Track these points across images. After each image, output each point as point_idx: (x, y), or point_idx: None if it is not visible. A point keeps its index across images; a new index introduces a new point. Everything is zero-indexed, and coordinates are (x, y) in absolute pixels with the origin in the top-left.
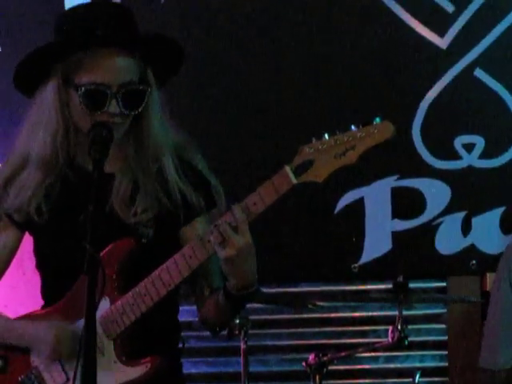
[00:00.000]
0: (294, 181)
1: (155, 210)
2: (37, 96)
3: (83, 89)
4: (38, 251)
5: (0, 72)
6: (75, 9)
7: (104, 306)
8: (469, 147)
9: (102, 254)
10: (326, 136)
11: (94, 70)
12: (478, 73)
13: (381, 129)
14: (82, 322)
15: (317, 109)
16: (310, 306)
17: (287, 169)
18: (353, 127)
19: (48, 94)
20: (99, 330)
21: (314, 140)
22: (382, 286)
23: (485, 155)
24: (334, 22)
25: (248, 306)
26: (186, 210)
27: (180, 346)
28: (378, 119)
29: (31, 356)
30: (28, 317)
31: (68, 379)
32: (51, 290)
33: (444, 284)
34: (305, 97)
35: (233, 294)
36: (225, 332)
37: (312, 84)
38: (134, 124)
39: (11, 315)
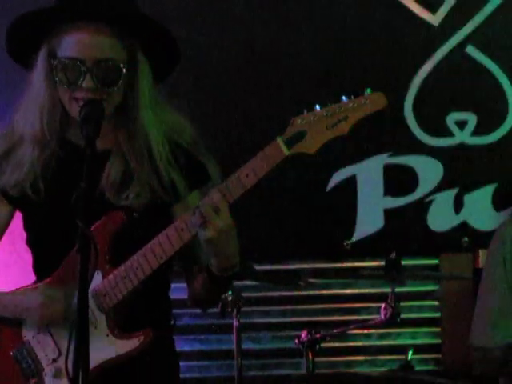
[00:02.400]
0: (286, 152)
1: (147, 196)
2: (31, 69)
3: (60, 63)
4: (30, 227)
5: None
6: None
7: (96, 279)
8: (461, 124)
9: (93, 227)
10: (318, 107)
11: (73, 45)
12: (470, 50)
13: (373, 99)
14: (73, 293)
15: (309, 84)
16: (302, 284)
17: (279, 140)
18: (344, 98)
19: (37, 67)
20: (91, 303)
21: (305, 111)
22: (375, 264)
23: (477, 132)
24: (325, 1)
25: (240, 283)
26: (175, 193)
27: (172, 322)
28: (368, 90)
29: (23, 330)
30: (17, 290)
31: (60, 353)
32: (43, 266)
33: (436, 261)
34: (297, 71)
35: (216, 274)
36: (217, 309)
37: (304, 59)
38: (125, 104)
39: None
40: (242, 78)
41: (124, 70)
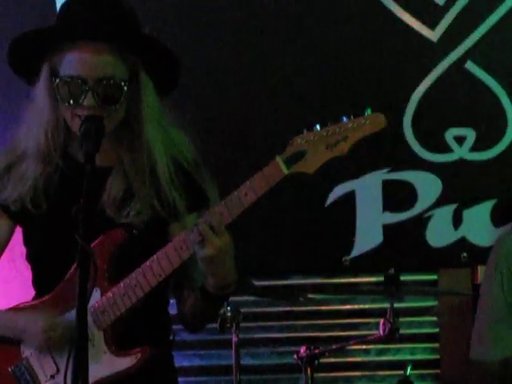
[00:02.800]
0: (285, 171)
1: (148, 214)
2: (33, 86)
3: (61, 81)
4: (30, 242)
5: None
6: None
7: (95, 296)
8: (460, 140)
9: (93, 244)
10: (318, 127)
11: (74, 63)
12: (469, 65)
13: (372, 120)
14: (72, 313)
15: (308, 102)
16: (301, 299)
17: (278, 159)
18: (344, 118)
19: (40, 84)
20: (89, 320)
21: (305, 131)
22: (373, 279)
23: (476, 148)
24: (325, 15)
25: (239, 298)
26: (174, 212)
27: (171, 338)
28: (369, 110)
29: (21, 347)
30: (17, 308)
31: (58, 370)
32: (43, 281)
33: (435, 277)
34: (296, 89)
35: (211, 293)
36: (216, 325)
37: (303, 77)
38: (128, 122)
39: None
40: (239, 96)
41: (125, 88)
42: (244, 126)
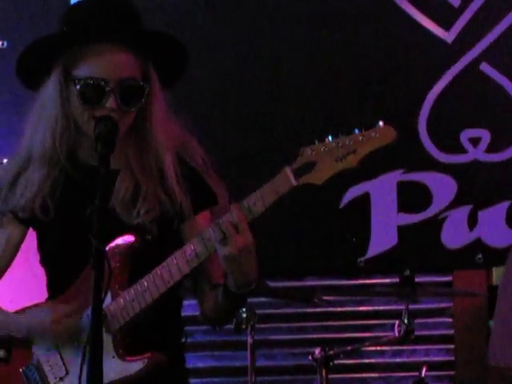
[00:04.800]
0: (294, 182)
1: (157, 212)
2: (41, 90)
3: (81, 83)
4: (43, 247)
5: (6, 67)
6: (80, 3)
7: (106, 300)
8: (475, 141)
9: (107, 248)
10: (330, 138)
11: (93, 65)
12: (484, 67)
13: (382, 133)
14: (82, 315)
15: (321, 105)
16: (316, 300)
17: (287, 170)
18: (356, 130)
19: (49, 88)
20: None
21: (316, 142)
22: (388, 280)
23: (491, 149)
24: (339, 16)
25: (254, 300)
26: (184, 210)
27: (183, 340)
28: (381, 123)
29: (33, 348)
30: (28, 308)
31: (67, 372)
32: (57, 285)
33: (450, 278)
34: (310, 93)
35: (232, 291)
36: (232, 326)
37: (317, 80)
38: (136, 122)
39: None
40: (253, 108)
41: (146, 89)
42: (256, 136)
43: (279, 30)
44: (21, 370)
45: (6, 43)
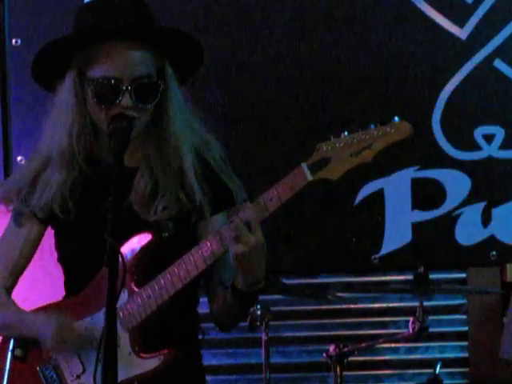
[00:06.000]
0: (310, 177)
1: (175, 209)
2: (57, 92)
3: (95, 82)
4: (60, 246)
5: (20, 64)
6: (93, 2)
7: (122, 298)
8: (489, 138)
9: (123, 246)
10: (346, 133)
11: (107, 64)
12: (498, 63)
13: (397, 128)
14: (97, 315)
15: (335, 102)
16: (330, 298)
17: (303, 166)
18: (372, 125)
19: (65, 90)
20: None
21: (332, 137)
22: (403, 277)
23: (505, 146)
24: (353, 13)
25: (269, 297)
26: (202, 209)
27: (200, 337)
28: (396, 118)
29: None
30: (43, 308)
31: (84, 370)
32: (74, 284)
33: (464, 275)
34: (324, 90)
35: (240, 290)
36: (246, 323)
37: (331, 77)
38: (156, 121)
39: (31, 308)
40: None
41: (161, 86)
42: (272, 133)
43: (290, 27)
44: (38, 368)
45: (19, 41)
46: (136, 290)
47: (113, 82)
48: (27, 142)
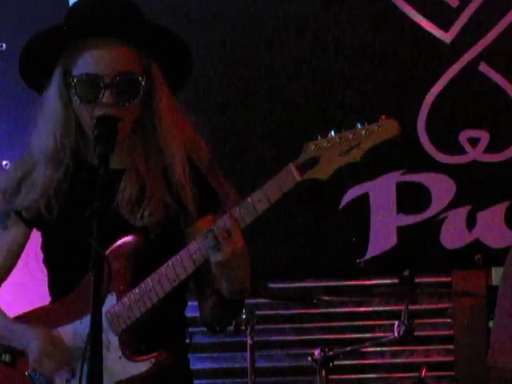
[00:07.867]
0: (298, 178)
1: (162, 213)
2: (44, 93)
3: (77, 79)
4: (46, 247)
5: (4, 69)
6: (78, 2)
7: (111, 301)
8: (474, 141)
9: (109, 249)
10: (332, 133)
11: (88, 62)
12: (483, 67)
13: (385, 127)
14: (84, 320)
15: (322, 105)
16: (315, 301)
17: (291, 166)
18: (359, 125)
19: (50, 90)
20: (105, 325)
21: (319, 137)
22: (388, 281)
23: (490, 149)
24: (338, 16)
25: (254, 301)
26: (187, 214)
27: (187, 341)
28: (383, 117)
29: None
30: (31, 315)
31: (73, 375)
32: (58, 286)
33: (449, 278)
34: (310, 93)
35: (225, 298)
36: (231, 327)
37: (316, 80)
38: (144, 121)
39: (17, 312)
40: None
41: (143, 82)
42: (259, 133)
43: (278, 31)
44: (27, 373)
45: (5, 46)
46: (125, 292)
47: (94, 78)
48: (12, 147)
